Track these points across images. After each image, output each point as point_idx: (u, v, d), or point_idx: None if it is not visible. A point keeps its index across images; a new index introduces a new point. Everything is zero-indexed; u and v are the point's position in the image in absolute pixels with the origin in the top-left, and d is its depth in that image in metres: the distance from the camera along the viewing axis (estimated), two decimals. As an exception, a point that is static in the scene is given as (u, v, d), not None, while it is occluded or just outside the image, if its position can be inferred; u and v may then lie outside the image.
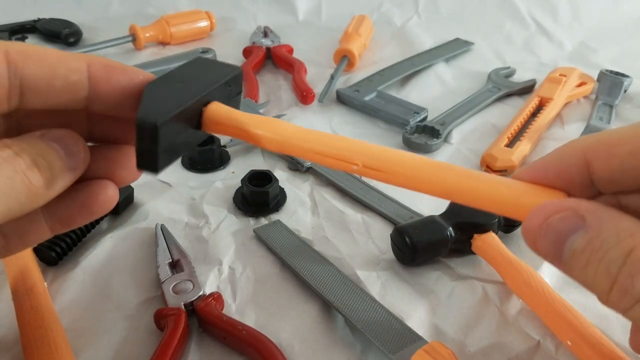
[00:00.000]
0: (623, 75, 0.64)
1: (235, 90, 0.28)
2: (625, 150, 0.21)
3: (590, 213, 0.20)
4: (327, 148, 0.25)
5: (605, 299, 0.20)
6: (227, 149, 0.52)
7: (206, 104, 0.26)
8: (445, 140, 0.55)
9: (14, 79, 0.23)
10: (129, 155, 0.27)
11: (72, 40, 0.76)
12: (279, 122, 0.26)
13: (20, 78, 0.23)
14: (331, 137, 0.25)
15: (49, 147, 0.23)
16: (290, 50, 0.72)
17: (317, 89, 0.63)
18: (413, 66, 0.68)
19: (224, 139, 0.52)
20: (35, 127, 0.24)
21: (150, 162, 0.24)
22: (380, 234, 0.43)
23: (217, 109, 0.26)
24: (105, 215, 0.44)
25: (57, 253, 0.39)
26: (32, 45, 0.25)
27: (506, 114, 0.60)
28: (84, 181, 0.27)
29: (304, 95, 0.60)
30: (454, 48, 0.74)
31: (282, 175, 0.49)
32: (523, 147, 0.51)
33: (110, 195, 0.27)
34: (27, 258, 0.38)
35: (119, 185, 0.28)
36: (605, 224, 0.20)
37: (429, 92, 0.65)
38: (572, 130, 0.57)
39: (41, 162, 0.22)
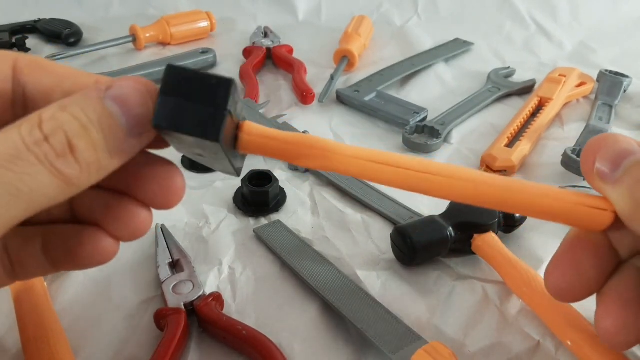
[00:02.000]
0: (623, 75, 0.64)
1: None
2: None
3: None
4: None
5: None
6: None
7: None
8: (445, 140, 0.55)
9: (18, 87, 0.22)
10: (128, 209, 0.24)
11: (72, 40, 0.76)
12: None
13: (24, 87, 0.22)
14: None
15: (103, 112, 0.19)
16: (290, 51, 0.72)
17: (317, 89, 0.63)
18: (413, 66, 0.68)
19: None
20: None
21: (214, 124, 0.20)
22: (380, 234, 0.43)
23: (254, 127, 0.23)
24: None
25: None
26: (42, 58, 0.23)
27: (506, 114, 0.60)
28: (80, 224, 0.24)
29: (304, 96, 0.61)
30: (454, 48, 0.74)
31: (282, 175, 0.49)
32: (523, 147, 0.51)
33: (101, 248, 0.24)
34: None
35: (119, 240, 0.24)
36: None
37: (429, 92, 0.65)
38: (571, 131, 0.57)
39: (79, 143, 0.19)
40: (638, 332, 0.24)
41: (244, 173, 0.46)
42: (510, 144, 0.53)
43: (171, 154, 0.24)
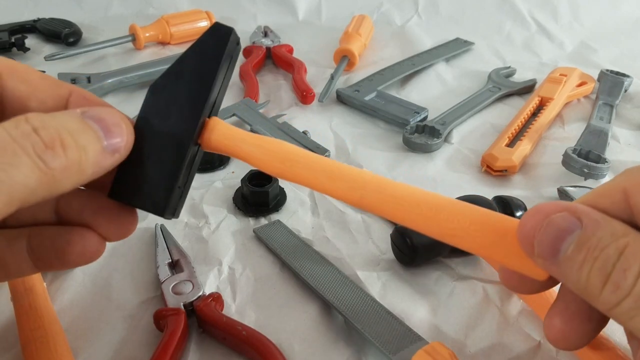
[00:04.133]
0: (623, 75, 0.64)
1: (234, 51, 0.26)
2: None
3: (586, 215, 0.21)
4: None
5: (596, 299, 0.20)
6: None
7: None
8: (446, 140, 0.55)
9: None
10: (118, 210, 0.25)
11: (72, 40, 0.76)
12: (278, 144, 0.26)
13: (1, 91, 0.22)
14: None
15: (84, 125, 0.21)
16: (290, 50, 0.72)
17: (317, 89, 0.63)
18: (413, 66, 0.68)
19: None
20: None
21: (162, 199, 0.24)
22: (380, 234, 0.43)
23: (219, 128, 0.25)
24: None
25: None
26: (24, 65, 0.24)
27: (506, 114, 0.60)
28: (68, 225, 0.25)
29: (304, 95, 0.60)
30: (455, 48, 0.74)
31: (282, 175, 0.49)
32: (523, 147, 0.51)
33: (89, 247, 0.25)
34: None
35: (107, 240, 0.25)
36: (601, 224, 0.21)
37: (429, 92, 0.65)
38: (572, 130, 0.57)
39: (68, 140, 0.20)
40: (579, 341, 0.24)
41: (244, 173, 0.46)
42: (511, 144, 0.53)
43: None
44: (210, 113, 0.26)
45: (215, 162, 0.51)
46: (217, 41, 0.24)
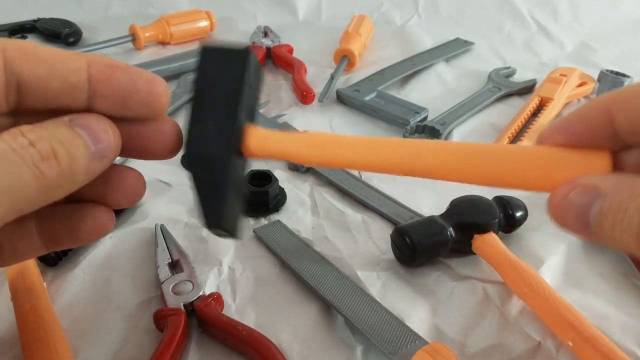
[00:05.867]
0: (623, 75, 0.64)
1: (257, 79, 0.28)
2: None
3: (603, 182, 0.22)
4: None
5: (637, 253, 0.22)
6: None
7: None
8: (446, 140, 0.55)
9: (11, 77, 0.22)
10: (126, 175, 0.26)
11: (72, 40, 0.76)
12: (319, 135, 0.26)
13: (18, 76, 0.22)
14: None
15: (73, 134, 0.22)
16: (290, 50, 0.72)
17: (317, 89, 0.62)
18: (413, 66, 0.68)
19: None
20: None
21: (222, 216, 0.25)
22: (380, 234, 0.43)
23: (259, 134, 0.26)
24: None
25: (56, 253, 0.39)
26: (32, 43, 0.24)
27: (506, 114, 0.60)
28: (77, 202, 0.26)
29: (304, 95, 0.60)
30: (455, 48, 0.74)
31: (282, 175, 0.49)
32: (523, 147, 0.51)
33: (99, 221, 0.26)
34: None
35: (114, 207, 0.26)
36: (619, 187, 0.22)
37: (429, 92, 0.65)
38: (572, 130, 0.57)
39: (60, 150, 0.21)
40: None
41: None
42: (511, 144, 0.53)
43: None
44: (247, 121, 0.26)
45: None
46: (236, 65, 0.25)
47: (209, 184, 0.25)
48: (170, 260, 0.39)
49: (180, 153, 0.26)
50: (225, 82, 0.25)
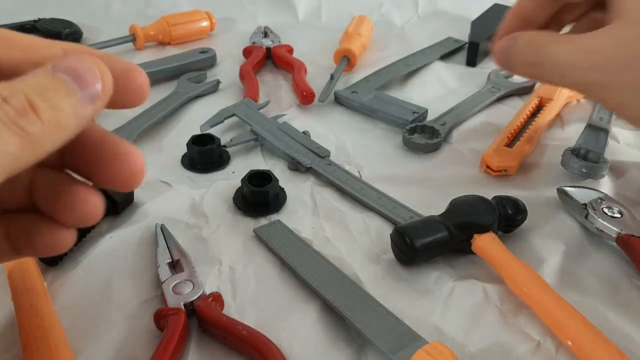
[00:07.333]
0: (623, 75, 0.63)
1: None
2: None
3: (523, 34, 0.38)
4: None
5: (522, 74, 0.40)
6: (227, 149, 0.52)
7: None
8: (445, 140, 0.55)
9: None
10: (78, 194, 0.24)
11: (72, 40, 0.76)
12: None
13: None
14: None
15: (54, 80, 0.20)
16: (290, 50, 0.72)
17: (317, 89, 0.62)
18: (408, 66, 0.68)
19: (223, 139, 0.52)
20: None
21: None
22: (380, 234, 0.43)
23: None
24: (106, 215, 0.43)
25: (57, 253, 0.39)
26: (8, 30, 0.23)
27: (506, 114, 0.60)
28: (38, 214, 0.25)
29: (304, 95, 0.60)
30: (447, 47, 0.74)
31: (282, 175, 0.49)
32: (523, 148, 0.51)
33: (57, 237, 0.25)
34: (26, 257, 0.38)
35: (70, 227, 0.25)
36: (519, 37, 0.38)
37: (429, 92, 0.65)
38: (572, 131, 0.57)
39: (39, 102, 0.19)
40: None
41: (244, 173, 0.46)
42: (510, 144, 0.53)
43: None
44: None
45: (215, 162, 0.51)
46: None
47: None
48: (171, 260, 0.39)
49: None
50: None
